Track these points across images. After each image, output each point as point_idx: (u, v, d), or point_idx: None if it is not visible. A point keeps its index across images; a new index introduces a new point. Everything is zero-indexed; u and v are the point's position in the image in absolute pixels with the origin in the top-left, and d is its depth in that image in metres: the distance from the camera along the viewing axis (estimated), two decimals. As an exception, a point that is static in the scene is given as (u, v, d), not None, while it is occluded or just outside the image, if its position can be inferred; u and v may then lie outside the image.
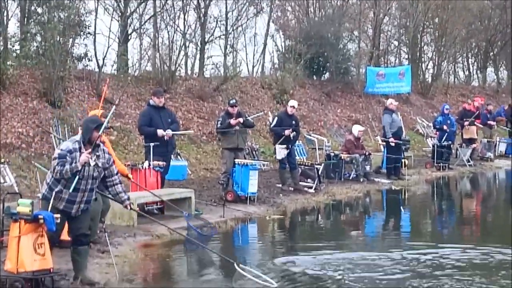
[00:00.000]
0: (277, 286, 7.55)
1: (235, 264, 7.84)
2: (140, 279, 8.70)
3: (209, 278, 8.66)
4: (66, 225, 7.75)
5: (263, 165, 16.70)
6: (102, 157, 7.63)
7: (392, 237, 12.11)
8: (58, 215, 7.26)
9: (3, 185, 12.17)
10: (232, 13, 25.76)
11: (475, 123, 22.98)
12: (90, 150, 7.41)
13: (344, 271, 8.75)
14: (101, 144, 7.75)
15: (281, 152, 15.50)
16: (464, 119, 22.67)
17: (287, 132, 15.39)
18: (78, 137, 7.66)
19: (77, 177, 7.39)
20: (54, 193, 7.43)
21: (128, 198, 8.01)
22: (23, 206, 7.11)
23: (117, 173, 7.91)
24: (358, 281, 8.26)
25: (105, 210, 9.72)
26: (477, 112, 23.22)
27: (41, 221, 7.05)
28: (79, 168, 7.35)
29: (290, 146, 15.60)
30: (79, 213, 7.62)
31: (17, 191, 11.49)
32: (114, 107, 9.23)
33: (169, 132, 12.65)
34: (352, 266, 9.07)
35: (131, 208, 8.23)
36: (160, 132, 12.50)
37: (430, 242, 10.96)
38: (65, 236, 8.27)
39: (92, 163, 7.46)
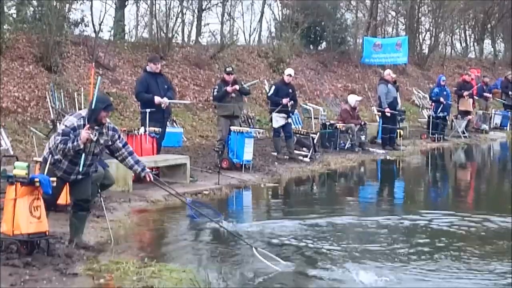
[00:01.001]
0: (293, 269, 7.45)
1: (253, 249, 7.73)
2: (135, 243, 8.76)
3: (203, 244, 8.72)
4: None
5: (259, 133, 16.71)
6: (105, 134, 7.54)
7: (385, 205, 12.20)
8: (55, 178, 7.28)
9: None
10: (230, -19, 25.62)
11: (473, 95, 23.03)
12: (88, 125, 7.26)
13: (332, 238, 8.86)
14: (107, 121, 7.57)
15: (278, 120, 15.53)
16: (463, 91, 22.66)
17: (284, 100, 15.40)
18: (84, 112, 7.55)
19: (83, 155, 7.37)
20: (52, 159, 7.43)
21: (143, 169, 7.79)
22: (20, 168, 7.11)
23: (124, 146, 7.71)
24: (344, 250, 8.28)
25: (108, 185, 9.62)
26: (476, 85, 23.26)
27: (37, 184, 7.07)
28: (81, 146, 7.28)
29: (290, 115, 15.64)
30: (78, 179, 7.62)
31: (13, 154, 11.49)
32: (99, 78, 9.10)
33: (166, 100, 12.61)
34: (340, 234, 9.17)
35: (150, 180, 7.86)
36: (157, 99, 12.46)
37: (422, 209, 11.01)
38: (61, 200, 8.32)
39: (94, 138, 7.35)
